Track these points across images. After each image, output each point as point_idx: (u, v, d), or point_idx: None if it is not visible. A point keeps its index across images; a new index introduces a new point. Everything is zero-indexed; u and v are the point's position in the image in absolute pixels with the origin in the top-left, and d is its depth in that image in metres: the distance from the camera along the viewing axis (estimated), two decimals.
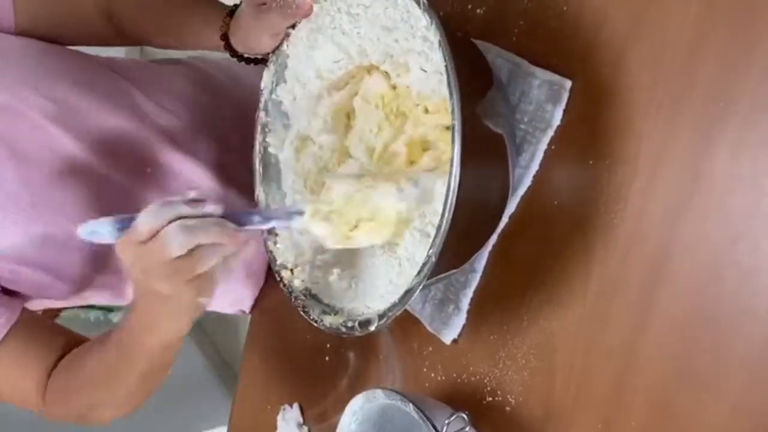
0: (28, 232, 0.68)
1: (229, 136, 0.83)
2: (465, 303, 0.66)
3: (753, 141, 0.46)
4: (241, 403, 0.96)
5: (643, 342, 0.51)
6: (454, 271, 0.61)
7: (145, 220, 0.50)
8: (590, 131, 0.56)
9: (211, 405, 2.00)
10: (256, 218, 0.55)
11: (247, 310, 0.94)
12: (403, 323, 0.72)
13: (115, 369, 0.64)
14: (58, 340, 0.71)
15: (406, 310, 0.71)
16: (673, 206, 0.50)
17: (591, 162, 0.55)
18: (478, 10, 0.65)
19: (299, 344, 0.85)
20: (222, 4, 0.75)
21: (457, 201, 0.49)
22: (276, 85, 0.69)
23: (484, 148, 0.54)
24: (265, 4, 0.65)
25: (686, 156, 0.49)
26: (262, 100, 0.70)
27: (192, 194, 0.52)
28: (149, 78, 0.81)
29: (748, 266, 0.46)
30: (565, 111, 0.57)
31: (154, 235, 0.50)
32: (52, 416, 0.71)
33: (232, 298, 0.91)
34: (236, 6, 0.71)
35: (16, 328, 0.68)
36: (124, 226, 0.52)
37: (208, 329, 2.35)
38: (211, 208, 0.52)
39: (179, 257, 0.50)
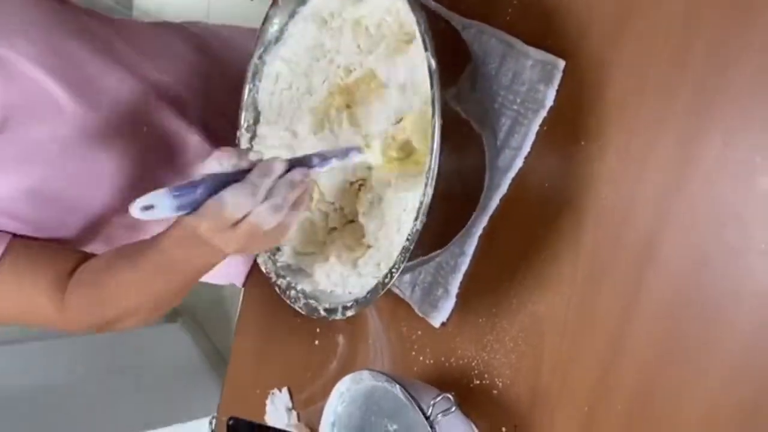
0: (19, 187, 0.67)
1: (222, 100, 0.82)
2: (454, 286, 0.65)
3: (744, 126, 0.45)
4: (231, 387, 0.96)
5: (631, 326, 0.51)
6: (437, 253, 0.60)
7: (235, 204, 0.51)
8: (583, 112, 0.55)
9: (203, 393, 2.00)
10: (315, 160, 0.56)
11: (239, 284, 0.94)
12: (392, 307, 0.72)
13: (152, 284, 0.64)
14: (64, 254, 0.70)
15: (395, 294, 0.71)
16: (664, 189, 0.49)
17: (583, 143, 0.55)
18: None
19: (289, 327, 0.85)
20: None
21: (435, 187, 0.49)
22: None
23: (458, 134, 0.54)
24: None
25: (678, 139, 0.49)
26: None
27: (252, 156, 0.53)
28: (145, 37, 0.80)
29: (736, 249, 0.45)
30: (557, 91, 0.56)
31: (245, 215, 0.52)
32: (70, 326, 0.70)
33: (226, 269, 0.90)
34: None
35: (13, 245, 0.67)
36: (183, 199, 0.51)
37: (200, 318, 2.35)
38: (277, 165, 0.53)
39: (271, 229, 0.53)
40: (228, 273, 0.92)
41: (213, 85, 0.84)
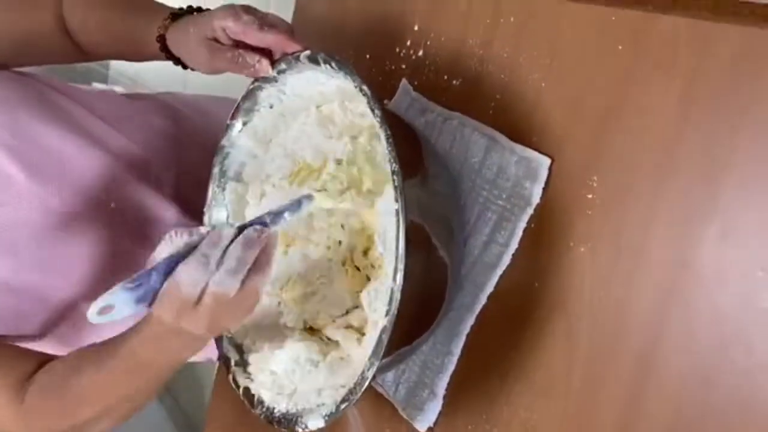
0: None
1: (196, 170, 0.79)
2: (441, 388, 0.61)
3: (740, 230, 0.43)
4: None
5: None
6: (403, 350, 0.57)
7: (190, 280, 0.49)
8: (570, 211, 0.53)
9: None
10: (268, 218, 0.54)
11: (215, 359, 0.90)
12: (374, 405, 0.68)
13: (124, 386, 0.60)
14: (25, 356, 0.65)
15: (378, 392, 0.67)
16: (659, 297, 0.47)
17: (572, 244, 0.52)
18: (454, 81, 0.64)
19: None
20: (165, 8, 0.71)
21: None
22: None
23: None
24: (217, 42, 0.62)
25: (671, 242, 0.47)
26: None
27: (202, 229, 0.52)
28: (115, 109, 0.78)
29: (743, 368, 0.43)
30: (544, 189, 0.55)
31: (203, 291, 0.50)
32: None
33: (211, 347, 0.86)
34: (180, 10, 0.67)
35: None
36: (140, 290, 0.49)
37: (174, 390, 2.26)
38: (226, 232, 0.51)
39: (237, 294, 0.51)
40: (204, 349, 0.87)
41: (188, 155, 0.81)
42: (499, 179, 0.58)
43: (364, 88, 0.53)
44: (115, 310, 0.48)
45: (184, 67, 0.68)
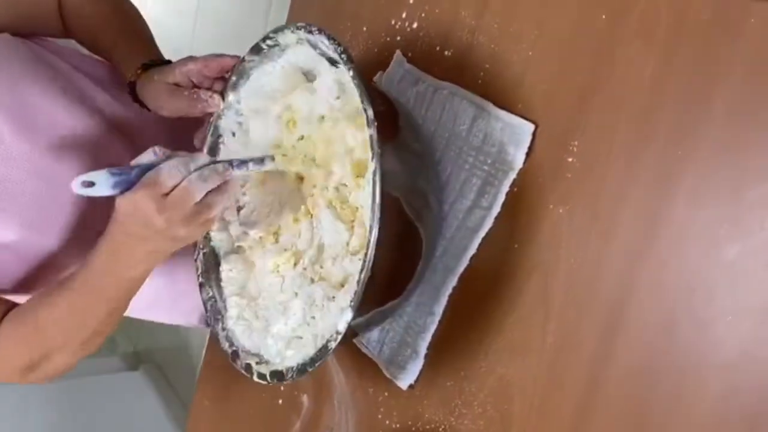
0: None
1: (184, 136, 0.81)
2: (423, 347, 0.64)
3: (710, 189, 0.46)
4: None
5: (598, 393, 0.50)
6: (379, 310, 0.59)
7: (170, 171, 0.56)
8: (551, 175, 0.55)
9: None
10: (235, 161, 0.62)
11: (196, 321, 0.92)
12: (359, 366, 0.70)
13: (82, 309, 0.64)
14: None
15: (362, 353, 0.69)
16: (632, 253, 0.49)
17: (551, 206, 0.55)
18: (446, 52, 0.66)
19: (252, 383, 0.81)
20: (149, 48, 0.76)
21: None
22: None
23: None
24: (178, 85, 0.68)
25: (645, 202, 0.49)
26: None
27: (182, 153, 0.59)
28: (104, 72, 0.80)
29: (703, 318, 0.45)
30: (527, 154, 0.57)
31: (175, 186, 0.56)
32: None
33: (175, 305, 0.88)
34: (151, 62, 0.72)
35: None
36: (120, 177, 0.56)
37: (163, 365, 2.27)
38: (203, 155, 0.60)
39: (197, 203, 0.57)
40: (181, 310, 0.89)
41: (178, 128, 0.82)
42: (485, 145, 0.60)
43: (325, 42, 0.56)
44: (94, 188, 0.55)
45: (148, 110, 0.73)
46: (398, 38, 0.71)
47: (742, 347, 0.43)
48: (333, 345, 0.54)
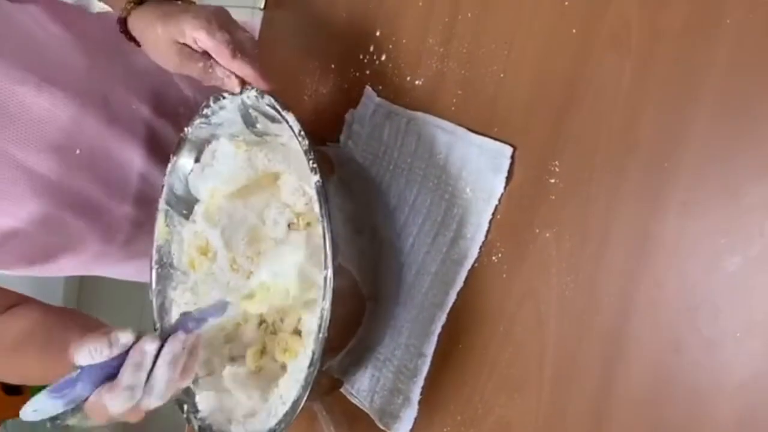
0: None
1: (162, 102, 0.78)
2: (416, 393, 0.59)
3: (701, 200, 0.43)
4: None
5: (605, 428, 0.46)
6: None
7: (116, 407, 0.49)
8: (535, 198, 0.52)
9: None
10: (191, 324, 0.54)
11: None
12: (350, 418, 0.66)
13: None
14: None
15: (355, 405, 0.65)
16: (626, 274, 0.46)
17: (537, 231, 0.52)
18: (417, 82, 0.64)
19: None
20: None
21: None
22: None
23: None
24: (188, 48, 0.60)
25: (635, 219, 0.46)
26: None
27: (122, 339, 0.50)
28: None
29: (709, 337, 0.41)
30: (507, 179, 0.54)
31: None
32: None
33: None
34: None
35: None
36: (66, 398, 0.48)
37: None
38: (149, 350, 0.50)
39: None
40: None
41: (145, 78, 0.78)
42: (463, 172, 0.57)
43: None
44: (43, 413, 0.48)
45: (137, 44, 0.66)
46: (367, 72, 0.69)
47: (754, 365, 0.40)
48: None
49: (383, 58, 0.67)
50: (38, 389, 0.49)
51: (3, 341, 0.65)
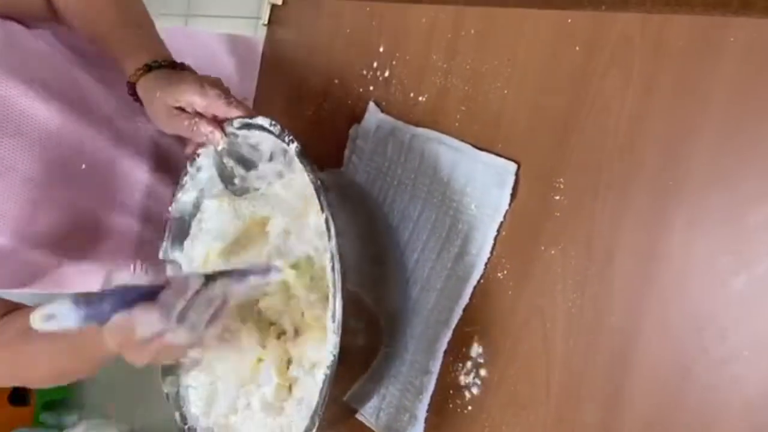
0: None
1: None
2: (422, 410, 0.59)
3: (707, 218, 0.43)
4: None
5: None
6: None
7: (147, 325, 0.50)
8: (540, 215, 0.52)
9: None
10: (234, 275, 0.55)
11: None
12: None
13: (63, 361, 0.63)
14: None
15: (361, 422, 0.64)
16: (632, 292, 0.46)
17: (543, 248, 0.52)
18: (420, 98, 0.64)
19: None
20: (150, 39, 0.72)
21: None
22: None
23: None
24: (180, 109, 0.65)
25: (640, 238, 0.46)
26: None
27: (169, 270, 0.54)
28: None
29: (717, 357, 0.41)
30: (512, 195, 0.54)
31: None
32: None
33: None
34: (154, 63, 0.69)
35: None
36: (89, 310, 0.48)
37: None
38: (194, 280, 0.52)
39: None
40: None
41: None
42: (468, 188, 0.57)
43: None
44: (57, 321, 0.47)
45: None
46: (371, 88, 0.69)
47: (763, 384, 0.40)
48: None
49: (387, 74, 0.67)
50: (42, 400, 0.50)
51: (4, 340, 0.65)
